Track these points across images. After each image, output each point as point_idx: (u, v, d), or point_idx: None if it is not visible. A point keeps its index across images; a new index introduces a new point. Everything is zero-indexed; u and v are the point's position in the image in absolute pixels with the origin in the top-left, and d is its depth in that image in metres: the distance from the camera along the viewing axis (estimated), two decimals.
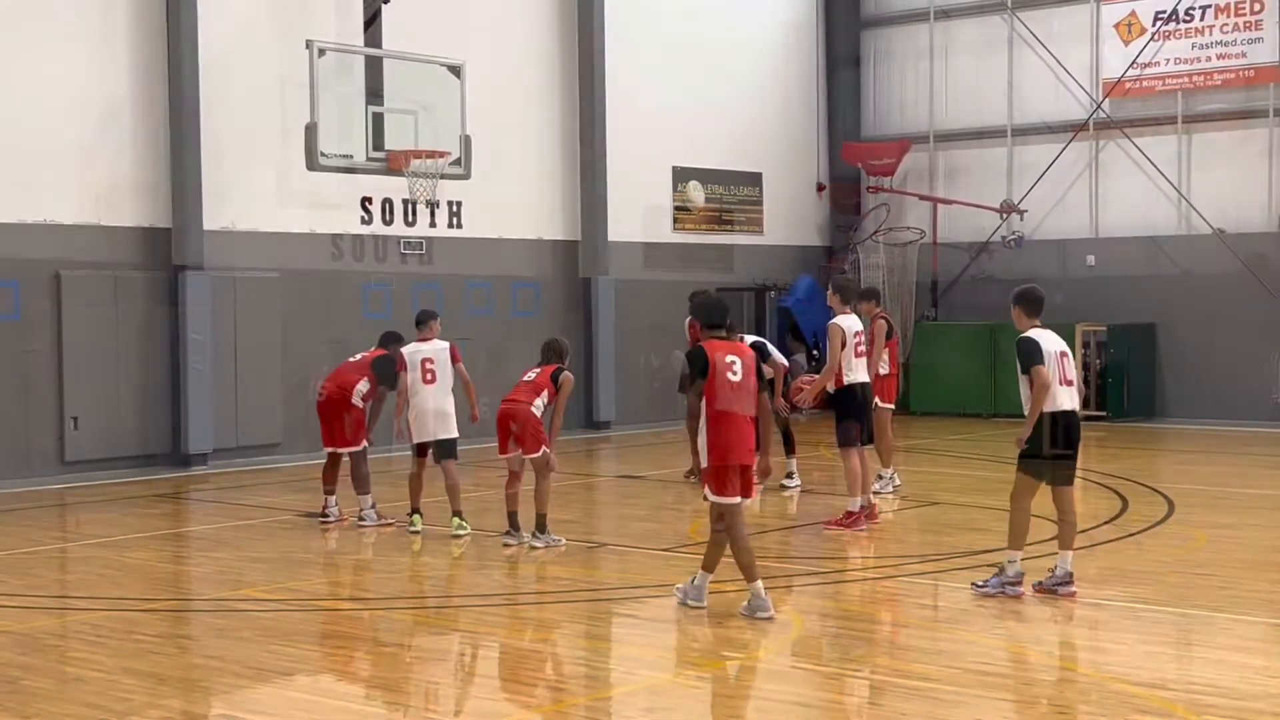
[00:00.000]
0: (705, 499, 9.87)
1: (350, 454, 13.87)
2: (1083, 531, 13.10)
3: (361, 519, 13.80)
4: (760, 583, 9.74)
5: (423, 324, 13.56)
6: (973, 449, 20.41)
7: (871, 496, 13.85)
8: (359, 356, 14.17)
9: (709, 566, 9.96)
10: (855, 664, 8.84)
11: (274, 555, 12.64)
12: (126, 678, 8.50)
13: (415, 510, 13.46)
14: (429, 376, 13.26)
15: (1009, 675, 8.60)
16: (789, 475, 16.16)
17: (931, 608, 10.32)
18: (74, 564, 12.66)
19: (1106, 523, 13.52)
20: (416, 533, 13.30)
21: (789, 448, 16.26)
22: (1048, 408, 10.08)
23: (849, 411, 13.44)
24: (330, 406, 13.88)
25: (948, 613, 10.06)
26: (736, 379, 9.73)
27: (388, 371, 13.74)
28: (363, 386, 13.83)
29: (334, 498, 14.09)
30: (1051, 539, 11.78)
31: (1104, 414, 23.72)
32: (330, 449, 14.02)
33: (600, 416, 23.19)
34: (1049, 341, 10.23)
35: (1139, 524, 13.52)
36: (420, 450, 13.43)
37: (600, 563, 12.34)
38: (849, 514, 13.32)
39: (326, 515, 14.06)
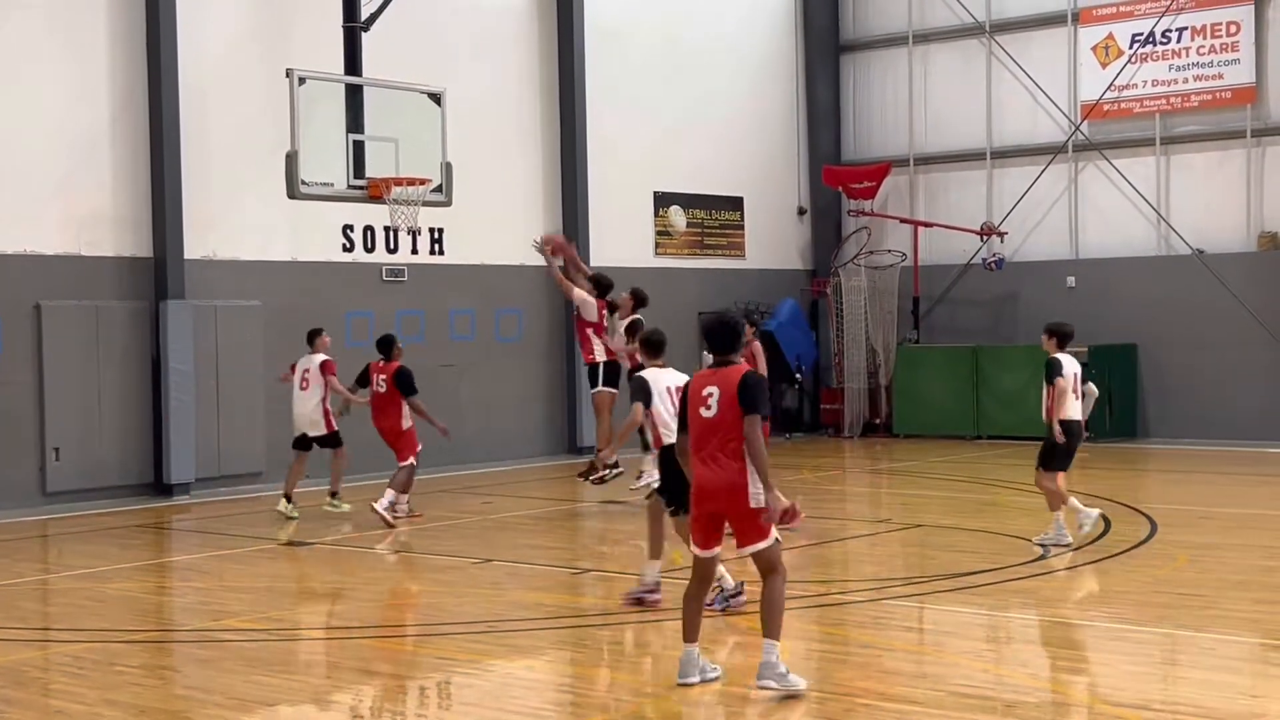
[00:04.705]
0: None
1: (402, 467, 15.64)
2: (1072, 550, 13.17)
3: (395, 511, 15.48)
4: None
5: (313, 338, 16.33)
6: (955, 471, 20.42)
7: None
8: (384, 386, 15.62)
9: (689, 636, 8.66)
10: (839, 687, 8.83)
11: (257, 585, 12.60)
12: (109, 710, 8.46)
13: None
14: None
15: (993, 698, 8.59)
16: (639, 475, 15.99)
17: (916, 630, 10.31)
18: (56, 596, 12.60)
19: (1090, 543, 13.54)
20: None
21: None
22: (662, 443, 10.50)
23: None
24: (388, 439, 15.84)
25: (932, 635, 10.06)
26: (710, 414, 8.49)
27: (409, 382, 15.60)
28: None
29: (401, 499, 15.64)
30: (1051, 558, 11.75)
31: (1086, 435, 23.71)
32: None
33: (584, 442, 23.17)
34: (663, 380, 10.49)
35: (1122, 544, 13.54)
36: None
37: (584, 588, 12.33)
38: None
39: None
